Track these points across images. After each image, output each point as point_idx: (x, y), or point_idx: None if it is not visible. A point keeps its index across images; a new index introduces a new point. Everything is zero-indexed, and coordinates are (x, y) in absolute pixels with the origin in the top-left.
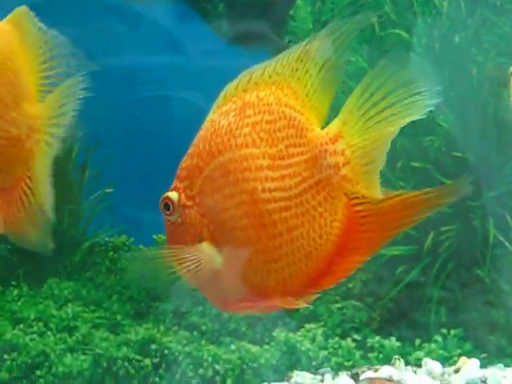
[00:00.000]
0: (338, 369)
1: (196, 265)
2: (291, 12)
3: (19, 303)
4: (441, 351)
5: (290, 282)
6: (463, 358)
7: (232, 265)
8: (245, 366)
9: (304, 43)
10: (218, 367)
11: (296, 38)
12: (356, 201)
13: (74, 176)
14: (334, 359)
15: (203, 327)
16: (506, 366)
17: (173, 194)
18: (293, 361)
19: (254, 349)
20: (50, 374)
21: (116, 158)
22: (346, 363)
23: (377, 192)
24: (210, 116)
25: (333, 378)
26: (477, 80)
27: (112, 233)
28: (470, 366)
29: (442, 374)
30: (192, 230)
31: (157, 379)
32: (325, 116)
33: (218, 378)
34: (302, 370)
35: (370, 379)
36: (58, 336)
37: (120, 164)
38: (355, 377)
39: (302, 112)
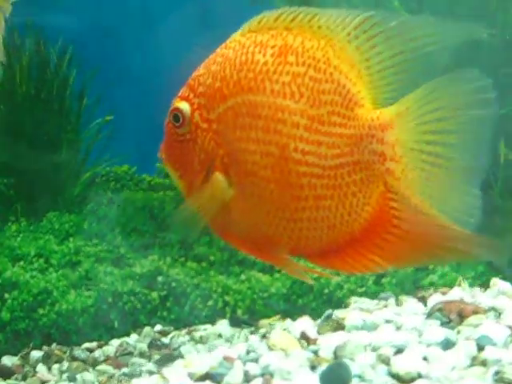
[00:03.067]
0: (350, 295)
1: (208, 195)
2: None
3: (18, 239)
4: (454, 273)
5: (304, 246)
6: None
7: (245, 206)
8: (255, 296)
9: (368, 14)
10: (227, 298)
11: None
12: (394, 196)
13: (71, 104)
14: (346, 286)
15: (211, 257)
16: None
17: (185, 106)
18: (304, 289)
19: (265, 278)
20: (54, 312)
21: (115, 83)
22: (358, 289)
23: (425, 206)
24: (238, 37)
25: (396, 304)
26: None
27: (113, 162)
28: None
29: None
30: (202, 154)
31: (164, 313)
32: (381, 99)
33: (227, 309)
34: (313, 298)
35: (445, 303)
36: (60, 272)
37: (120, 90)
38: (422, 301)
39: (354, 82)
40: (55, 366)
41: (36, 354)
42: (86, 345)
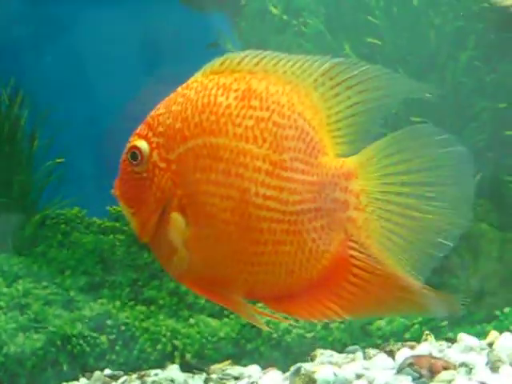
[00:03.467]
0: (299, 340)
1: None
2: None
3: None
4: (402, 319)
5: (260, 290)
6: (493, 332)
7: (201, 247)
8: (204, 340)
9: (336, 61)
10: (176, 342)
11: (252, 1)
12: (354, 244)
13: (22, 145)
14: (294, 330)
15: (160, 301)
16: None
17: (143, 145)
18: (253, 333)
19: (214, 322)
20: (2, 355)
21: (67, 125)
22: (307, 334)
23: (383, 256)
24: (200, 78)
25: (364, 358)
26: (435, 43)
27: (64, 205)
28: (503, 339)
29: (481, 348)
30: (159, 193)
31: (114, 356)
32: (339, 148)
33: (176, 354)
34: (262, 342)
35: (415, 357)
36: (9, 314)
37: (71, 132)
38: (390, 355)
39: (317, 130)
40: None
41: None
42: None
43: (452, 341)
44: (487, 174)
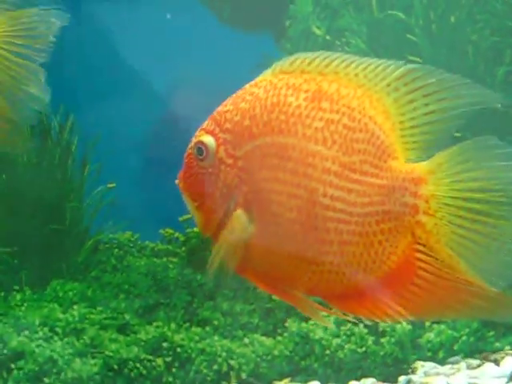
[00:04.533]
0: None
1: (230, 232)
2: None
3: (23, 308)
4: (450, 331)
5: (323, 289)
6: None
7: (265, 245)
8: (259, 359)
9: (412, 67)
10: (232, 362)
11: (296, 22)
12: (422, 248)
13: (73, 172)
14: (347, 346)
15: (215, 322)
16: None
17: (209, 140)
18: (307, 350)
19: (268, 341)
20: (59, 381)
21: (117, 150)
22: (359, 349)
23: (454, 262)
24: (269, 77)
25: (467, 367)
26: (473, 59)
27: (116, 229)
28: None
29: None
30: (225, 189)
31: (170, 378)
32: (414, 155)
33: (232, 373)
34: (316, 359)
35: None
36: (65, 340)
37: (122, 157)
38: (495, 363)
39: (388, 134)
40: None
41: None
42: None
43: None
44: None
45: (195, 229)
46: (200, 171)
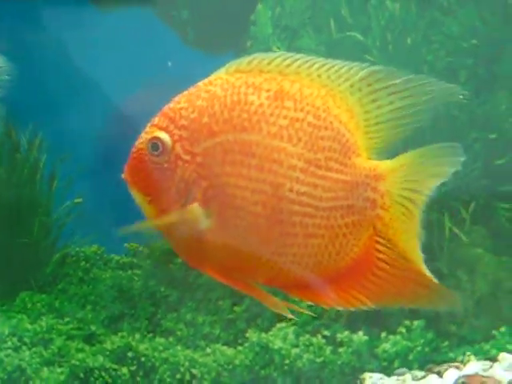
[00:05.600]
0: (310, 365)
1: (183, 226)
2: (252, 17)
3: None
4: (405, 342)
5: (283, 279)
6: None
7: (225, 238)
8: (220, 369)
9: (375, 68)
10: (194, 371)
11: (257, 43)
12: (381, 240)
13: (42, 187)
14: (305, 356)
15: (178, 332)
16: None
17: (165, 137)
18: (267, 360)
19: (229, 351)
20: None
21: (84, 166)
22: (316, 359)
23: (410, 252)
24: (224, 75)
25: (413, 379)
26: None
27: (83, 243)
28: None
29: None
30: (182, 184)
31: None
32: (372, 151)
33: (195, 382)
34: (275, 369)
35: (467, 377)
36: (34, 350)
37: (88, 173)
38: (438, 375)
39: (352, 133)
40: None
41: None
42: None
43: (493, 360)
44: (481, 201)
45: (159, 242)
46: (153, 166)
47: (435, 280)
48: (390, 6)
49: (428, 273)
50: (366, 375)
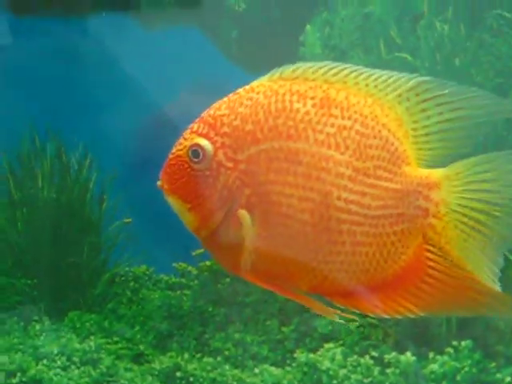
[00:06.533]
0: None
1: (228, 232)
2: (301, 38)
3: (42, 338)
4: (453, 362)
5: (328, 287)
6: None
7: (269, 246)
8: None
9: (424, 79)
10: None
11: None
12: (432, 248)
13: (91, 207)
14: (353, 376)
15: (226, 352)
16: None
17: (206, 144)
18: (314, 381)
19: (277, 371)
20: None
21: (134, 187)
22: (365, 380)
23: (465, 261)
24: (267, 82)
25: None
26: None
27: (132, 263)
28: None
29: None
30: (225, 191)
31: None
32: (421, 161)
33: None
34: None
35: None
36: (82, 369)
37: (138, 193)
38: None
39: (401, 141)
40: None
41: None
42: None
43: None
44: None
45: (207, 262)
46: (194, 173)
47: (497, 288)
48: (439, 26)
49: (489, 281)
50: None
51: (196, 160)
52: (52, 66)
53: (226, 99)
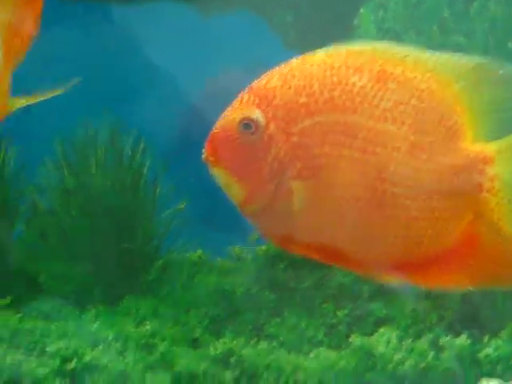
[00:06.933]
0: (412, 370)
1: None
2: (355, 21)
3: (97, 323)
4: (508, 346)
5: (385, 260)
6: None
7: (322, 220)
8: (324, 373)
9: (482, 59)
10: (298, 376)
11: None
12: (484, 223)
13: (145, 193)
14: (407, 362)
15: (281, 337)
16: None
17: (258, 115)
18: (370, 365)
19: (332, 355)
20: None
21: (187, 171)
22: (420, 364)
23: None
24: (322, 56)
25: None
26: None
27: (187, 248)
28: None
29: None
30: (276, 163)
31: None
32: (484, 137)
33: None
34: (378, 373)
35: None
36: (137, 355)
37: (192, 178)
38: None
39: (458, 117)
40: None
41: None
42: None
43: None
44: None
45: (263, 247)
46: (243, 145)
47: None
48: (492, 8)
49: None
50: (484, 381)
51: (246, 131)
52: (106, 53)
53: (277, 70)
